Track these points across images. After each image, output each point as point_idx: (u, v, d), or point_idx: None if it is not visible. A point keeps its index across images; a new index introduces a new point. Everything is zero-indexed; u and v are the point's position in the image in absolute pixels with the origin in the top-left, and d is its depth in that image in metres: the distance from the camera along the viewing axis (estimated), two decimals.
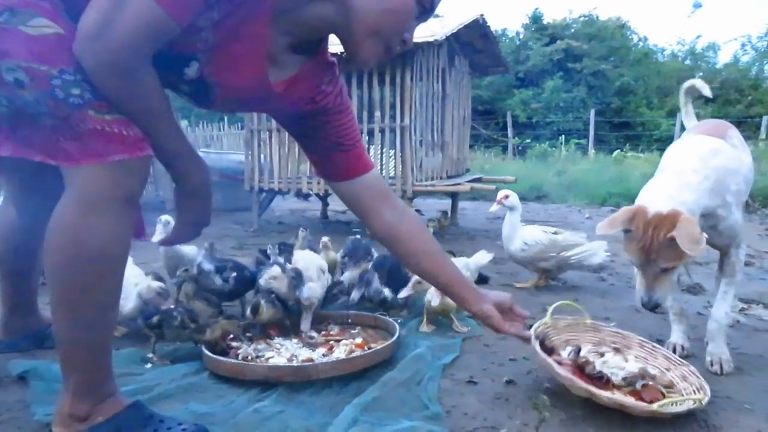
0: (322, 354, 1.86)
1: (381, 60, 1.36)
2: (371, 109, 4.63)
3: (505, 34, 22.09)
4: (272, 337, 2.03)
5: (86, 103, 1.09)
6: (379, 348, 1.80)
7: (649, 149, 13.72)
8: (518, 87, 19.46)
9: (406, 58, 4.38)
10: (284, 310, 2.08)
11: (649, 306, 1.64)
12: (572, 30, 20.83)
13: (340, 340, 1.99)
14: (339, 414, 1.43)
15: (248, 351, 1.86)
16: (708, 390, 1.53)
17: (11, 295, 1.84)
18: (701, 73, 19.60)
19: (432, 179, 4.94)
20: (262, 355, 1.85)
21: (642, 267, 1.63)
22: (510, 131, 15.22)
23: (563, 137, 14.42)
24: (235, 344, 1.91)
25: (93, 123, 1.09)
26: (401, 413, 1.45)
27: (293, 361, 1.78)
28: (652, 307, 1.64)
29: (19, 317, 1.86)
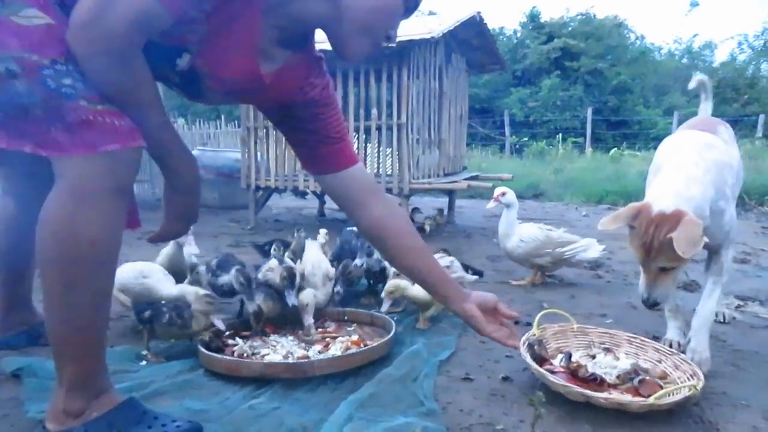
0: (318, 351, 1.85)
1: (367, 55, 1.38)
2: (368, 107, 4.62)
3: (503, 33, 22.11)
4: (268, 335, 2.02)
5: (78, 94, 1.08)
6: (375, 345, 1.80)
7: (646, 147, 13.73)
8: (515, 85, 19.48)
9: (403, 56, 4.37)
10: (283, 303, 2.06)
11: (648, 304, 1.64)
12: (569, 28, 20.82)
13: (336, 337, 1.98)
14: (334, 411, 1.42)
15: (244, 348, 1.85)
16: (702, 375, 1.55)
17: (6, 292, 1.84)
18: (698, 72, 19.60)
19: (429, 177, 4.93)
20: (258, 352, 1.84)
21: (645, 263, 1.63)
22: (507, 129, 15.24)
23: (560, 135, 14.43)
24: (232, 341, 1.91)
25: (85, 113, 1.09)
26: (397, 410, 1.45)
27: (289, 358, 1.78)
28: (651, 305, 1.64)
29: (14, 314, 1.85)
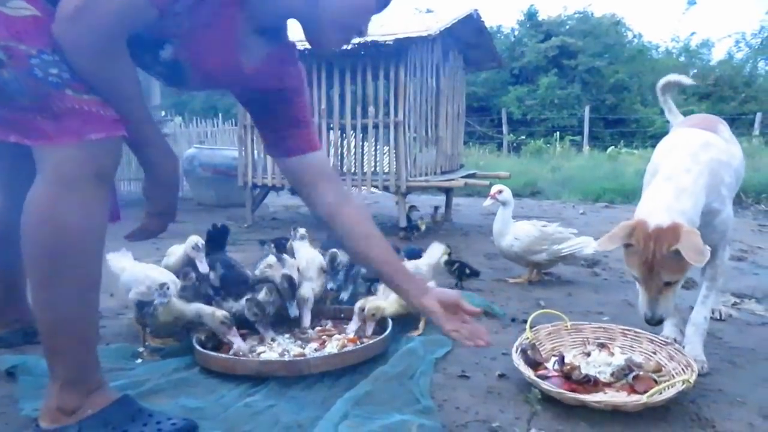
0: (314, 349, 1.85)
1: (339, 48, 1.44)
2: (365, 105, 4.61)
3: (500, 31, 22.07)
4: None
5: (64, 83, 1.10)
6: (371, 343, 1.80)
7: (644, 146, 13.74)
8: (513, 84, 19.47)
9: (401, 53, 4.36)
10: (281, 298, 2.05)
11: (653, 321, 1.60)
12: (567, 27, 20.82)
13: (333, 335, 1.98)
14: (330, 408, 1.42)
15: (240, 346, 1.84)
16: (696, 367, 1.56)
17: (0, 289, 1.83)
18: (695, 70, 19.65)
19: (426, 175, 4.93)
20: (254, 350, 1.84)
21: (645, 281, 1.58)
22: (505, 128, 15.24)
23: (558, 134, 14.44)
24: (228, 340, 1.90)
25: (71, 102, 1.10)
26: (393, 407, 1.45)
27: (285, 356, 1.77)
28: (657, 323, 1.60)
29: (8, 311, 1.84)
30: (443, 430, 1.36)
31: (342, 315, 2.20)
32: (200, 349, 1.73)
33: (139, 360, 1.79)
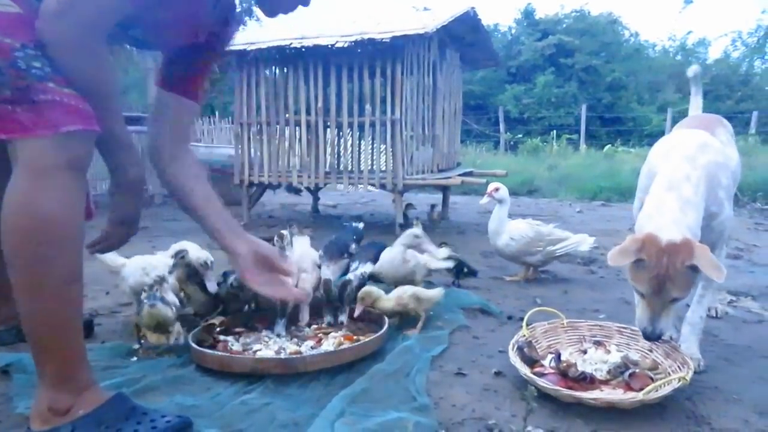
0: (311, 346, 1.84)
1: (292, 11, 1.51)
2: (362, 103, 4.60)
3: (497, 29, 22.10)
4: (260, 330, 2.01)
5: (47, 76, 1.13)
6: (368, 340, 1.79)
7: (640, 144, 13.77)
8: (510, 82, 19.49)
9: (397, 51, 4.36)
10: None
11: (654, 337, 1.56)
12: (564, 25, 20.84)
13: (329, 333, 1.97)
14: (326, 406, 1.41)
15: (236, 345, 1.84)
16: (692, 365, 1.56)
17: None
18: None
19: (423, 173, 4.92)
20: (250, 348, 1.83)
21: (652, 296, 1.53)
22: (502, 126, 15.24)
23: (555, 132, 14.45)
24: (223, 338, 1.90)
25: (52, 94, 1.13)
26: (389, 405, 1.44)
27: (281, 354, 1.77)
28: (657, 338, 1.58)
29: (3, 309, 1.83)
30: (439, 428, 1.36)
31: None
32: (196, 347, 1.73)
33: (134, 358, 1.78)
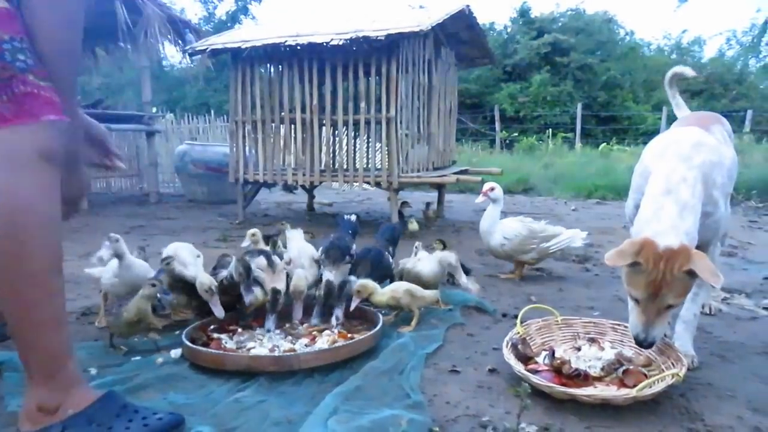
0: (305, 344, 1.84)
1: None
2: (357, 101, 4.60)
3: (493, 28, 22.07)
4: (254, 328, 2.01)
5: (28, 68, 1.17)
6: (362, 338, 1.79)
7: (635, 143, 13.80)
8: (506, 81, 19.47)
9: (392, 49, 4.35)
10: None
11: (646, 343, 1.55)
12: (559, 24, 20.83)
13: (323, 330, 1.97)
14: (320, 403, 1.41)
15: (230, 343, 1.83)
16: (685, 362, 1.57)
17: None
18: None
19: (418, 171, 4.92)
20: (244, 346, 1.83)
21: (647, 302, 1.52)
22: (497, 125, 15.24)
23: (550, 131, 14.45)
24: (217, 335, 1.89)
25: (30, 87, 1.16)
26: (383, 402, 1.44)
27: (275, 352, 1.76)
28: (649, 346, 1.57)
29: None
30: (433, 425, 1.35)
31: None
32: (189, 345, 1.72)
33: (137, 357, 1.77)
